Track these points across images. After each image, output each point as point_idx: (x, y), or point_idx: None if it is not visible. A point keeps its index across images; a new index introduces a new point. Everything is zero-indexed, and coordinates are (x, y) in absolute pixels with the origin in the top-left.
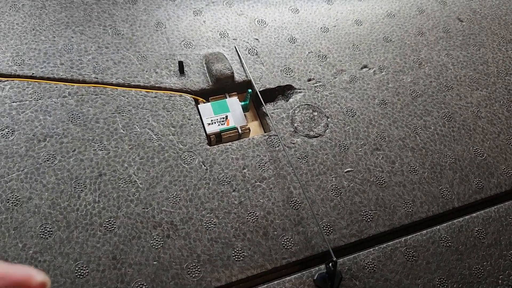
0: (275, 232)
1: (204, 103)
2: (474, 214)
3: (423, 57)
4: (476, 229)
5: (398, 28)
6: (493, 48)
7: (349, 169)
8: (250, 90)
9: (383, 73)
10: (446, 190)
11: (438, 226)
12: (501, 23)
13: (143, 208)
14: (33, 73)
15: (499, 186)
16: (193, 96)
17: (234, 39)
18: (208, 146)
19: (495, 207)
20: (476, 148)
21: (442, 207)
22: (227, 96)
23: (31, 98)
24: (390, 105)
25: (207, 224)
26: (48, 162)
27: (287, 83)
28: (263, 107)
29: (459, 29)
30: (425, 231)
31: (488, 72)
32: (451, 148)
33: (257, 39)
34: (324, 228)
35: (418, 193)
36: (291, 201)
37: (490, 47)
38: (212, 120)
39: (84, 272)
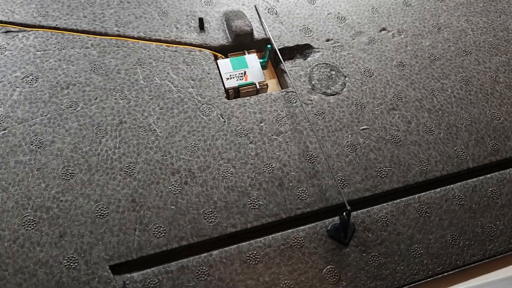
0: (290, 184)
1: (223, 58)
2: (488, 175)
3: (442, 22)
4: (490, 189)
5: None
6: None
7: (365, 126)
8: (269, 46)
9: (401, 36)
10: (461, 151)
11: (452, 185)
12: None
13: (162, 156)
14: (56, 24)
15: None
16: (213, 52)
17: None
18: (226, 100)
19: (510, 169)
20: (493, 112)
21: (456, 166)
22: (246, 53)
23: (55, 48)
24: (408, 67)
25: (224, 173)
26: (71, 108)
27: (306, 42)
28: (281, 64)
29: None
30: (438, 189)
31: (508, 38)
32: (467, 110)
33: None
34: (339, 181)
35: (433, 153)
36: (307, 155)
37: (511, 14)
38: (230, 75)
39: (104, 212)
